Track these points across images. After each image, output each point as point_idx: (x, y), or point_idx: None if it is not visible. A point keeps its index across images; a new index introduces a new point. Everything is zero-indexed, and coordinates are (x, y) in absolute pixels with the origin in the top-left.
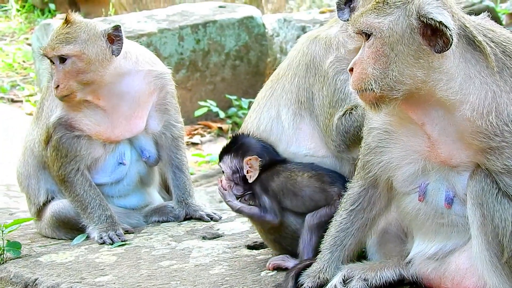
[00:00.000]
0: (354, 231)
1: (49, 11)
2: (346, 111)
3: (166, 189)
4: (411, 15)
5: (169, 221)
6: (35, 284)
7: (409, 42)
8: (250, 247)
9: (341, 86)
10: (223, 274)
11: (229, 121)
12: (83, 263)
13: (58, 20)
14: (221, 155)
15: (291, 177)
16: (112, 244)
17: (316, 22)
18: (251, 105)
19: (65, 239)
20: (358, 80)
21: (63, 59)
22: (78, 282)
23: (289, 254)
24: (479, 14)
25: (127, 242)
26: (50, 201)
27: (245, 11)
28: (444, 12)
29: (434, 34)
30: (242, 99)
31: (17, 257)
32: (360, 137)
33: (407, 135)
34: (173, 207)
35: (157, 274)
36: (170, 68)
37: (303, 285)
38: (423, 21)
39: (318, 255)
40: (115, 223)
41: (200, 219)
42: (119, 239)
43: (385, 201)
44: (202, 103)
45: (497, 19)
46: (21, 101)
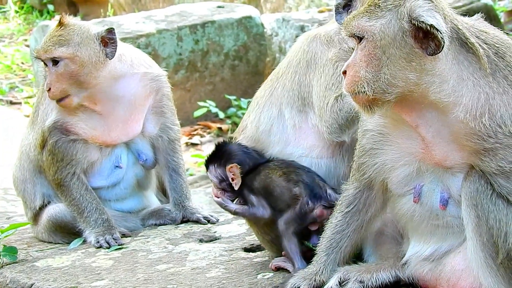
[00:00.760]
0: (350, 233)
1: (48, 12)
2: (342, 92)
3: (163, 192)
4: (403, 18)
5: (166, 224)
6: None
7: (401, 45)
8: (247, 249)
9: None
10: (220, 278)
11: (228, 121)
12: (79, 268)
13: (56, 21)
14: (206, 165)
15: (268, 174)
16: (109, 248)
17: (315, 21)
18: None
19: (61, 243)
20: (351, 83)
21: (55, 62)
22: (74, 287)
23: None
24: (478, 12)
25: (123, 246)
26: (46, 205)
27: (244, 11)
28: (436, 15)
29: (426, 37)
30: (242, 99)
31: (13, 262)
32: (353, 118)
33: (401, 137)
34: (170, 210)
35: (154, 278)
36: (167, 69)
37: (299, 287)
38: (414, 24)
39: (313, 258)
40: (111, 226)
41: (197, 221)
42: (115, 243)
43: (380, 202)
44: (201, 103)
45: (495, 17)
46: (19, 103)
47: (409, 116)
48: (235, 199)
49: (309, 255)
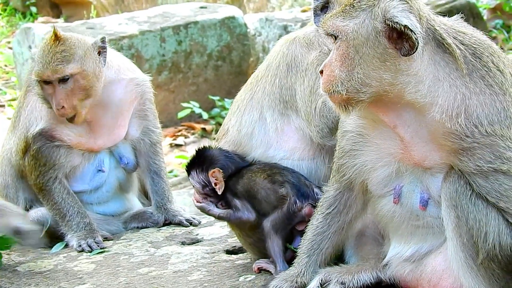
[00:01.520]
0: (331, 234)
1: (31, 14)
2: None
3: (145, 194)
4: (377, 18)
5: (148, 227)
6: None
7: (374, 44)
8: (229, 251)
9: None
10: (202, 280)
11: (212, 122)
12: (61, 272)
13: (39, 24)
14: (188, 171)
15: (251, 178)
16: (91, 252)
17: (298, 21)
18: None
19: (44, 248)
20: (326, 82)
21: (64, 80)
22: None
23: (267, 258)
24: (461, 10)
25: (105, 250)
26: (28, 210)
27: (227, 11)
28: (410, 16)
29: (400, 38)
30: (225, 99)
31: None
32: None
33: (380, 138)
34: (152, 213)
35: (136, 282)
36: (151, 71)
37: None
38: (388, 25)
39: (295, 259)
40: (93, 230)
41: (179, 224)
42: (97, 246)
43: (361, 203)
44: (185, 104)
45: (478, 14)
46: (3, 105)
47: (387, 117)
48: (218, 203)
49: (291, 258)
